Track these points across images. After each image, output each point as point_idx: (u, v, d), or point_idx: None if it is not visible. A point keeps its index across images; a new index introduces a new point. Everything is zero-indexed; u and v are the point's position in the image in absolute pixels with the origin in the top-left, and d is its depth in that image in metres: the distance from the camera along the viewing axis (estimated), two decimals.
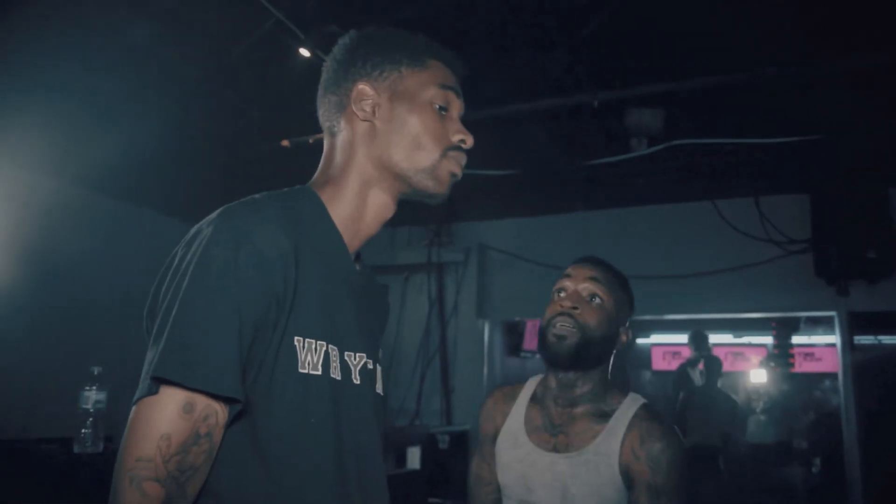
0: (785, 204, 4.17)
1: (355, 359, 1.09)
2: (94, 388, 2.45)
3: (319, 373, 1.01)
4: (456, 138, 1.17)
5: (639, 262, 4.45)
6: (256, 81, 3.63)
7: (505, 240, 4.84)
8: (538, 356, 6.50)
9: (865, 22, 2.83)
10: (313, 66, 3.34)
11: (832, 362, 8.25)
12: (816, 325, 7.52)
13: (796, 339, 7.90)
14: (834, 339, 4.32)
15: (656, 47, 3.13)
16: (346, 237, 1.13)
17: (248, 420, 0.96)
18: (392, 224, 5.09)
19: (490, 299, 4.88)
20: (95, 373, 2.47)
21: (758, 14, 2.81)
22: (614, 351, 1.73)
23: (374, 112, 1.14)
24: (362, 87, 1.15)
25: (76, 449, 2.46)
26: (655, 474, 1.54)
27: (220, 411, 0.92)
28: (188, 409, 0.90)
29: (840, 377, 4.14)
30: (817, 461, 6.18)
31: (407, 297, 4.97)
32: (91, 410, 2.45)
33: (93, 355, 2.97)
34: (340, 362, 1.05)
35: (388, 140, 1.13)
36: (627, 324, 1.77)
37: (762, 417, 6.74)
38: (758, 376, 7.17)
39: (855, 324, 4.13)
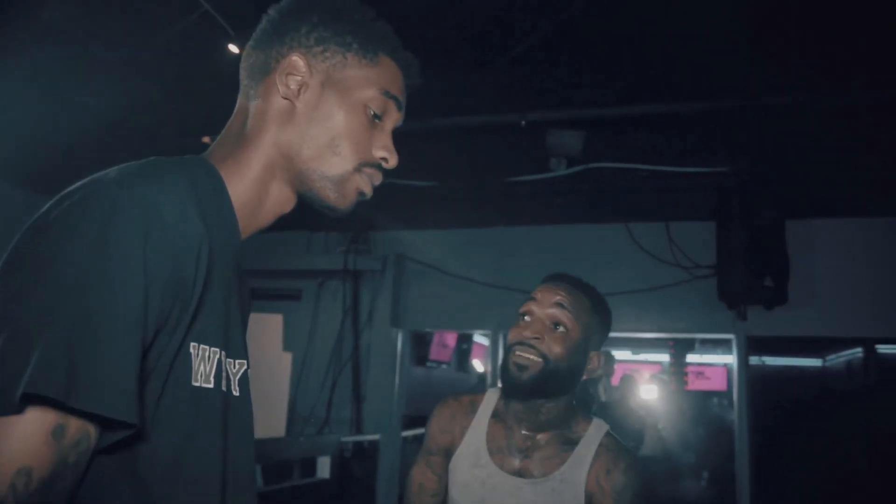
0: (693, 230, 4.37)
1: (235, 366, 0.92)
2: None
3: (211, 385, 0.84)
4: (378, 154, 1.00)
5: None
6: (179, 74, 3.52)
7: (423, 250, 4.85)
8: (444, 366, 6.54)
9: (775, 64, 3.01)
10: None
11: (720, 381, 8.70)
12: (711, 345, 7.91)
13: (690, 358, 8.28)
14: (728, 358, 4.55)
15: (583, 72, 3.23)
16: (240, 224, 0.95)
17: (123, 444, 0.74)
18: (309, 228, 5.04)
19: (405, 309, 4.88)
20: None
21: (677, 47, 2.94)
22: (583, 377, 1.65)
23: (299, 91, 0.96)
24: (296, 58, 0.96)
25: None
26: (627, 500, 1.52)
27: (92, 435, 0.70)
28: (58, 433, 0.67)
29: (735, 395, 4.36)
30: (705, 475, 6.47)
31: (321, 303, 4.90)
32: None
33: None
34: (225, 372, 0.89)
35: (303, 129, 0.96)
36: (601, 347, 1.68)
37: (662, 433, 7.00)
38: (649, 392, 7.45)
39: (749, 346, 4.36)
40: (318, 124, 0.96)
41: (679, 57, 2.99)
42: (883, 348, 6.31)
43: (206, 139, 3.62)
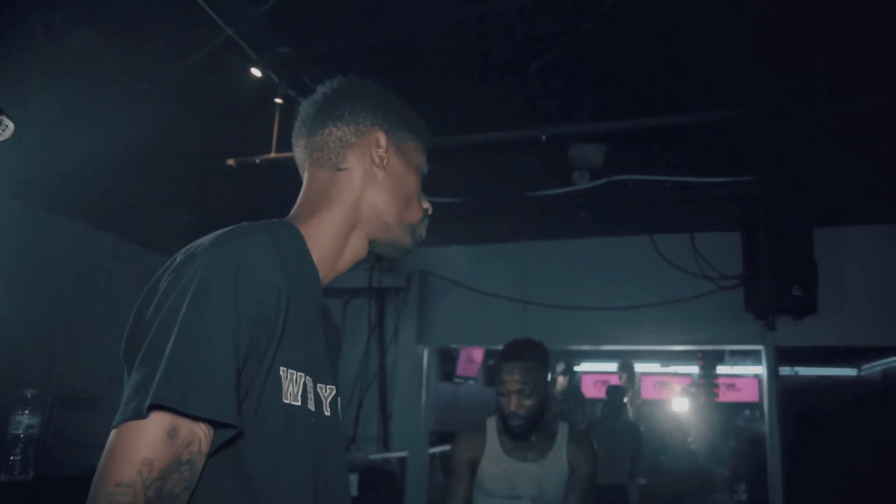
0: (718, 241, 4.33)
1: (326, 391, 1.10)
2: (27, 412, 2.35)
3: (299, 403, 1.02)
4: (425, 205, 1.28)
5: (577, 293, 4.56)
6: (203, 98, 3.58)
7: (447, 267, 4.86)
8: (471, 382, 6.52)
9: (798, 72, 2.99)
10: (263, 85, 3.32)
11: (751, 392, 8.58)
12: (741, 356, 7.81)
13: (720, 370, 8.17)
14: (758, 370, 4.49)
15: (603, 85, 3.24)
16: (321, 272, 1.15)
17: (231, 449, 0.94)
18: None
19: (430, 326, 4.89)
20: (28, 396, 2.37)
21: (698, 58, 2.94)
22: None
23: (381, 161, 1.21)
24: (378, 135, 1.21)
25: (2, 477, 2.34)
26: (588, 466, 2.51)
27: (203, 438, 0.90)
28: (172, 434, 0.87)
29: (765, 407, 4.30)
30: (742, 487, 6.38)
31: (346, 321, 4.93)
32: (22, 436, 2.34)
33: (23, 377, 2.84)
34: (314, 394, 1.06)
35: (387, 190, 1.20)
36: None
37: (691, 446, 6.91)
38: (680, 405, 7.37)
39: (779, 356, 4.30)
40: (397, 186, 1.22)
41: (700, 67, 2.99)
42: None
43: (230, 162, 3.68)
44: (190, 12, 2.79)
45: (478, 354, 7.75)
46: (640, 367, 7.78)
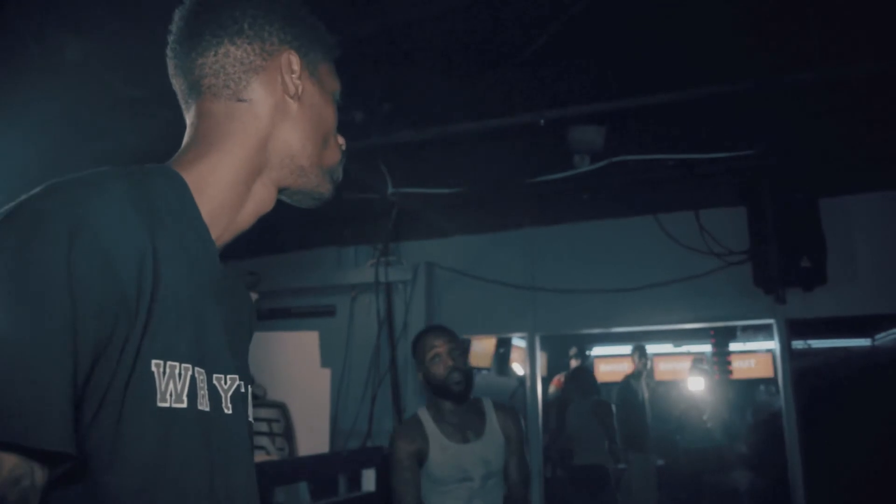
0: (723, 217, 4.30)
1: (226, 382, 0.86)
2: None
3: (185, 405, 0.77)
4: (340, 141, 1.04)
5: (585, 277, 4.54)
6: None
7: (452, 257, 4.85)
8: (484, 372, 6.51)
9: (796, 42, 2.95)
10: None
11: (766, 367, 8.54)
12: (753, 332, 7.77)
13: (734, 347, 8.14)
14: (770, 345, 4.47)
15: (599, 65, 3.21)
16: (215, 231, 0.90)
17: (87, 479, 0.70)
18: (338, 243, 5.06)
19: (439, 317, 4.88)
20: None
21: (694, 33, 2.91)
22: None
23: (296, 90, 0.95)
24: (290, 57, 0.95)
25: None
26: (517, 430, 2.70)
27: (37, 471, 0.64)
28: None
29: (780, 382, 4.28)
30: (760, 462, 6.35)
31: (355, 317, 4.93)
32: None
33: None
34: (209, 388, 0.82)
35: (301, 126, 0.96)
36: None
37: (707, 424, 6.90)
38: (695, 384, 7.34)
39: (792, 330, 4.27)
40: (313, 122, 0.97)
41: (695, 41, 2.96)
42: None
43: None
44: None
45: (490, 344, 7.75)
46: (652, 348, 7.78)
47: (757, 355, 8.66)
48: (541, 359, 4.99)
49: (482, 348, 7.52)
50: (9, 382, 0.62)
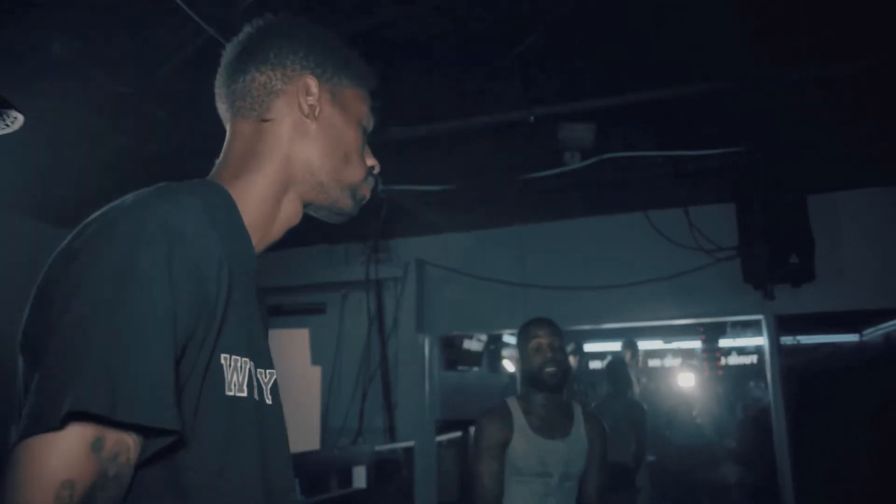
0: (713, 213, 4.33)
1: (266, 376, 0.97)
2: None
3: (245, 394, 0.89)
4: (370, 163, 1.12)
5: (575, 274, 4.56)
6: (187, 99, 3.56)
7: (443, 255, 4.86)
8: (475, 369, 6.53)
9: (785, 41, 2.97)
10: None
11: (759, 364, 8.59)
12: (741, 328, 7.82)
13: (723, 343, 8.18)
14: (761, 340, 4.50)
15: (590, 62, 3.21)
16: (253, 240, 1.00)
17: (166, 457, 0.79)
18: (329, 241, 5.06)
19: (429, 314, 4.89)
20: None
21: (684, 30, 2.92)
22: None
23: (313, 110, 1.05)
24: (309, 80, 1.05)
25: None
26: (602, 443, 2.70)
27: (132, 447, 0.74)
28: (97, 446, 0.71)
29: (769, 378, 4.30)
30: (749, 458, 6.39)
31: (346, 314, 4.93)
32: None
33: None
34: (257, 381, 0.94)
35: (320, 144, 1.05)
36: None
37: (697, 420, 6.93)
38: (685, 379, 7.38)
39: (780, 326, 4.30)
40: (333, 140, 1.06)
41: (685, 39, 2.97)
42: None
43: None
44: (168, 13, 2.77)
45: (480, 342, 7.77)
46: (642, 343, 7.81)
47: (747, 351, 8.72)
48: None
49: (473, 346, 7.54)
50: (123, 369, 0.72)
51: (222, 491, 0.84)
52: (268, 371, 0.97)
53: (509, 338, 8.02)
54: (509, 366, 8.22)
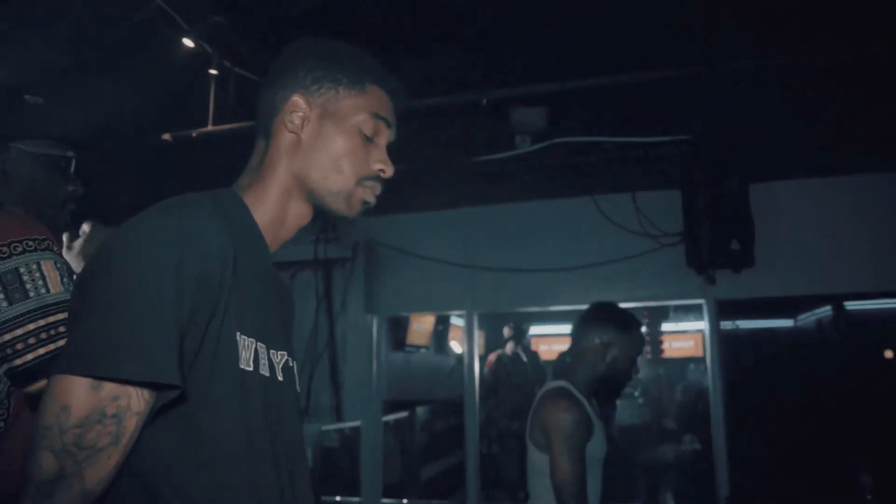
0: (659, 199, 4.41)
1: (278, 357, 1.12)
2: None
3: (251, 369, 1.03)
4: (376, 167, 1.20)
5: (524, 256, 4.60)
6: (135, 71, 3.46)
7: (393, 235, 4.85)
8: (422, 350, 6.55)
9: (732, 32, 3.03)
10: (199, 57, 3.22)
11: (697, 347, 8.83)
12: (683, 312, 8.01)
13: (666, 327, 8.38)
14: (701, 325, 4.62)
15: (542, 47, 3.23)
16: (267, 239, 1.16)
17: (186, 414, 0.96)
18: None
19: (378, 295, 4.89)
20: None
21: (636, 18, 2.95)
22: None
23: (302, 125, 1.17)
24: (296, 98, 1.17)
25: None
26: None
27: (134, 395, 0.90)
28: (95, 386, 0.89)
29: (708, 359, 4.43)
30: (688, 438, 6.58)
31: (294, 294, 4.88)
32: None
33: None
34: (268, 360, 1.08)
35: (310, 156, 1.16)
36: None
37: (639, 401, 7.10)
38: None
39: (721, 310, 4.43)
40: (322, 150, 1.16)
41: (636, 26, 3.01)
42: (851, 304, 6.45)
43: (166, 136, 3.57)
44: None
45: (428, 323, 7.79)
46: None
47: (688, 335, 8.94)
48: (479, 337, 5.04)
49: (421, 327, 7.56)
50: (131, 334, 0.89)
51: (234, 447, 0.99)
52: (279, 352, 1.12)
53: (457, 319, 8.07)
54: (457, 347, 8.28)
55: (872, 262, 4.19)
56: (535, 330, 9.36)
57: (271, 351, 1.09)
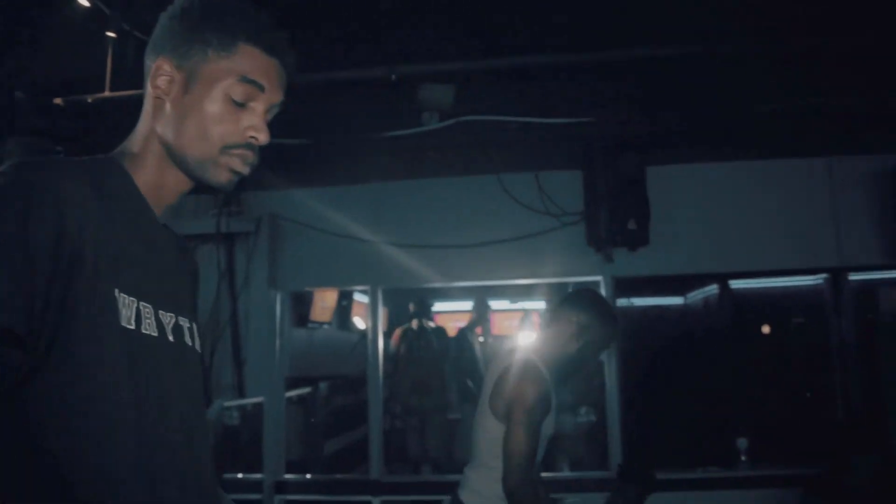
0: (561, 179, 4.54)
1: (167, 318, 1.08)
2: None
3: (133, 327, 1.00)
4: (247, 134, 1.13)
5: (428, 232, 4.64)
6: (25, 30, 3.27)
7: (298, 210, 4.79)
8: (325, 326, 6.50)
9: (636, 15, 3.15)
10: (93, 15, 3.07)
11: None
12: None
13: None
14: None
15: (452, 26, 3.26)
16: (151, 202, 1.13)
17: (65, 370, 0.93)
18: None
19: (282, 270, 4.83)
20: None
21: (544, 2, 3.03)
22: None
23: (168, 89, 1.11)
24: (160, 62, 1.11)
25: None
26: None
27: None
28: None
29: None
30: (583, 410, 6.82)
31: None
32: None
33: None
34: (156, 320, 1.05)
35: (175, 122, 1.11)
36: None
37: None
38: (525, 338, 7.71)
39: (618, 288, 4.61)
40: (187, 116, 1.10)
41: (547, 10, 3.08)
42: (735, 284, 6.82)
43: (57, 101, 3.40)
44: None
45: (331, 299, 7.75)
46: (491, 304, 8.11)
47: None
48: (382, 314, 5.05)
49: (324, 303, 7.51)
50: None
51: (106, 407, 0.95)
52: (168, 314, 1.08)
53: (360, 295, 8.05)
54: (360, 323, 8.27)
55: (755, 244, 4.48)
56: (438, 306, 9.46)
57: (160, 312, 1.06)
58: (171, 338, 1.08)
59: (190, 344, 1.15)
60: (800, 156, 4.43)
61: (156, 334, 1.04)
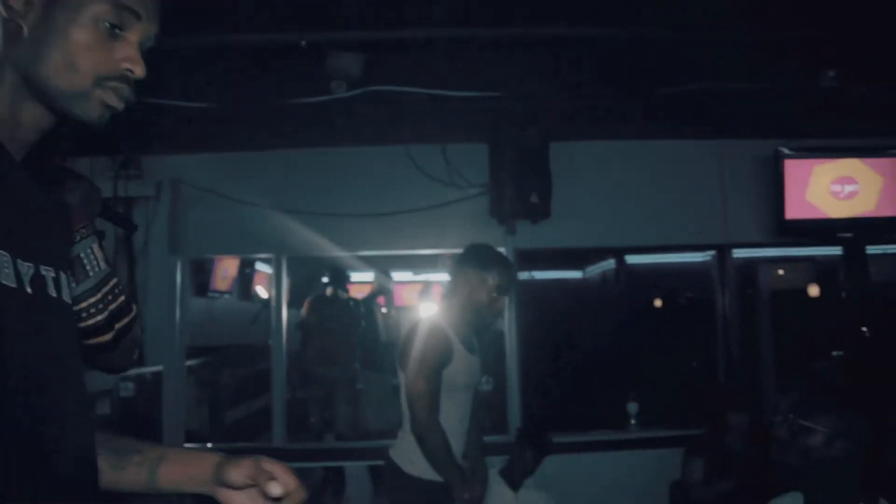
0: (467, 152, 4.61)
1: (25, 268, 0.96)
2: None
3: None
4: (123, 66, 1.01)
5: (335, 202, 4.63)
6: None
7: (200, 175, 4.66)
8: (226, 296, 6.38)
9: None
10: None
11: None
12: None
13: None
14: None
15: None
16: (5, 142, 0.98)
17: None
18: (72, 153, 4.62)
19: (183, 236, 4.71)
20: None
21: None
22: None
23: (25, 12, 0.95)
24: None
25: None
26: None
27: None
28: None
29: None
30: (484, 378, 7.01)
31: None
32: None
33: None
34: (14, 270, 0.93)
35: (35, 50, 0.96)
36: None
37: None
38: (427, 309, 7.83)
39: (520, 260, 4.75)
40: (51, 43, 0.96)
41: None
42: (631, 259, 7.13)
43: None
44: None
45: (232, 269, 7.60)
46: (395, 275, 8.15)
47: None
48: (286, 283, 5.01)
49: (225, 272, 7.37)
50: None
51: None
52: (26, 263, 0.95)
53: (262, 265, 7.92)
54: (262, 292, 8.15)
55: (650, 220, 4.71)
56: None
57: (18, 261, 0.94)
58: (28, 290, 0.95)
59: (55, 296, 1.01)
60: (694, 137, 4.67)
61: (14, 285, 0.92)
